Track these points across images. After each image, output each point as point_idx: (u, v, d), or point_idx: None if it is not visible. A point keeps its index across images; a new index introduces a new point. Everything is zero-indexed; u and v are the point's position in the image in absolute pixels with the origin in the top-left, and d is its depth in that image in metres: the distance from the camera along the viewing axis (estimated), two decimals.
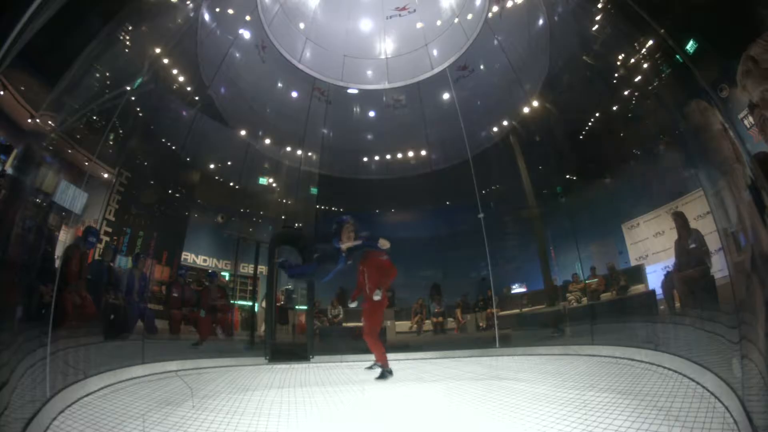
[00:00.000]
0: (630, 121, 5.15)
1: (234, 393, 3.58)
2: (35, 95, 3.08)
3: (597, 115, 5.96)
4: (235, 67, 7.35)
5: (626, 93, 4.99)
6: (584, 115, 6.11)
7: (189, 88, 6.55)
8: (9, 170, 2.78)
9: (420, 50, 8.36)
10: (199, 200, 7.35)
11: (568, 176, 6.84)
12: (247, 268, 7.76)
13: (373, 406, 3.13)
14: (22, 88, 2.95)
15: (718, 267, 3.38)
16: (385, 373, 4.31)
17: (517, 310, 7.42)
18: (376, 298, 4.39)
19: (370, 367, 4.92)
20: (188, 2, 5.90)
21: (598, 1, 5.01)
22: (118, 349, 4.67)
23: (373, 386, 3.92)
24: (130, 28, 4.49)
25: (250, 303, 7.57)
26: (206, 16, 6.44)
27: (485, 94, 8.02)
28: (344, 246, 4.42)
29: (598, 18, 5.03)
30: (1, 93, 2.82)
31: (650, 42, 3.98)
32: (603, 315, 5.71)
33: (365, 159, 8.92)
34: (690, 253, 4.01)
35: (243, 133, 7.93)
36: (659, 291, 4.55)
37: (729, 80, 2.70)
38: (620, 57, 4.74)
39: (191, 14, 6.06)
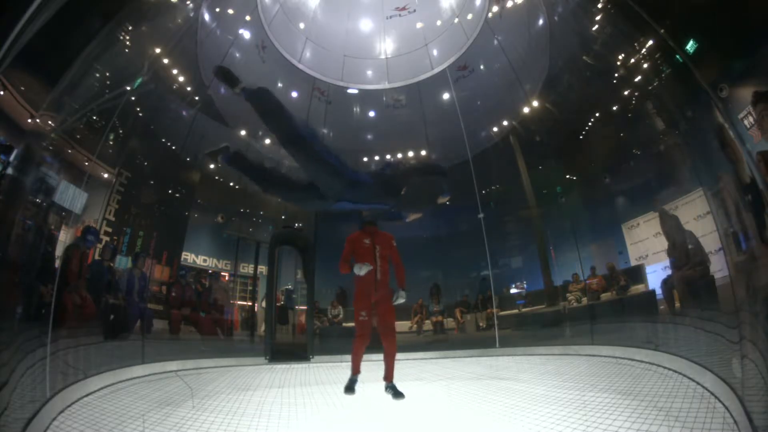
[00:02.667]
0: (630, 121, 5.15)
1: (234, 393, 3.58)
2: (35, 95, 3.08)
3: (597, 115, 5.96)
4: (235, 67, 7.32)
5: (626, 93, 4.99)
6: (584, 115, 6.11)
7: (189, 88, 6.55)
8: (9, 170, 2.78)
9: (420, 50, 8.36)
10: (199, 200, 7.35)
11: (568, 176, 6.84)
12: (247, 268, 7.76)
13: (373, 406, 3.13)
14: (22, 88, 2.95)
15: (718, 267, 3.38)
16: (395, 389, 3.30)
17: (516, 311, 7.42)
18: (401, 300, 3.43)
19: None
20: (188, 2, 5.90)
21: (598, 1, 5.00)
22: (118, 349, 4.67)
23: (373, 386, 3.91)
24: (130, 28, 4.49)
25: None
26: (206, 16, 6.43)
27: (485, 94, 8.01)
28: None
29: (598, 18, 5.03)
30: (1, 93, 2.82)
31: (650, 42, 3.98)
32: (603, 315, 5.71)
33: (365, 159, 8.91)
34: (682, 255, 4.01)
35: (243, 133, 7.93)
36: (659, 291, 4.55)
37: (729, 80, 2.71)
38: (620, 57, 4.73)
39: (191, 14, 6.06)
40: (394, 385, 3.36)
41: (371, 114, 8.82)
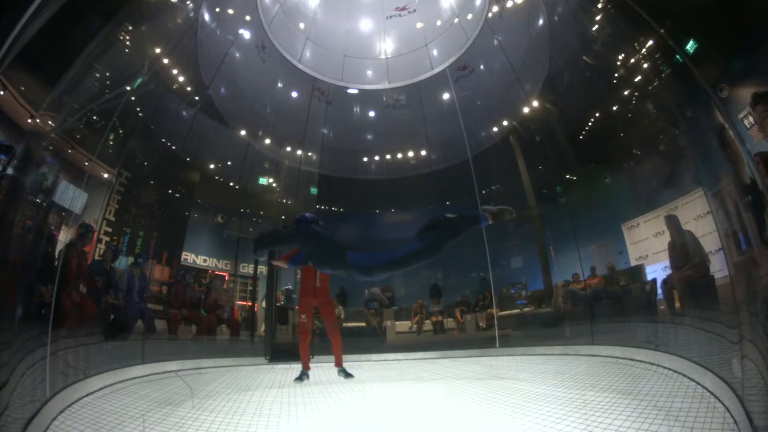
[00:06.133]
0: (630, 121, 5.15)
1: (234, 393, 3.57)
2: (35, 95, 3.08)
3: (597, 115, 5.96)
4: (235, 67, 7.35)
5: (626, 93, 5.00)
6: (584, 115, 6.11)
7: (189, 88, 6.55)
8: (9, 170, 2.78)
9: (420, 50, 8.36)
10: (199, 200, 7.35)
11: (568, 176, 6.84)
12: (247, 268, 7.76)
13: (373, 406, 3.13)
14: (22, 88, 2.96)
15: (718, 267, 3.38)
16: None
17: (517, 310, 7.42)
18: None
19: (300, 378, 4.21)
20: (188, 2, 5.89)
21: (598, 1, 5.01)
22: (118, 349, 4.67)
23: (373, 386, 3.92)
24: (130, 28, 4.49)
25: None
26: (206, 16, 6.43)
27: (485, 94, 8.02)
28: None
29: (598, 18, 5.03)
30: (1, 93, 2.83)
31: (650, 42, 3.98)
32: (603, 315, 5.71)
33: (365, 159, 8.91)
34: (684, 255, 4.01)
35: (243, 133, 7.93)
36: (659, 291, 4.55)
37: (729, 80, 2.71)
38: (620, 57, 4.73)
39: (191, 14, 6.05)
40: (344, 368, 4.28)
41: (371, 114, 8.83)
